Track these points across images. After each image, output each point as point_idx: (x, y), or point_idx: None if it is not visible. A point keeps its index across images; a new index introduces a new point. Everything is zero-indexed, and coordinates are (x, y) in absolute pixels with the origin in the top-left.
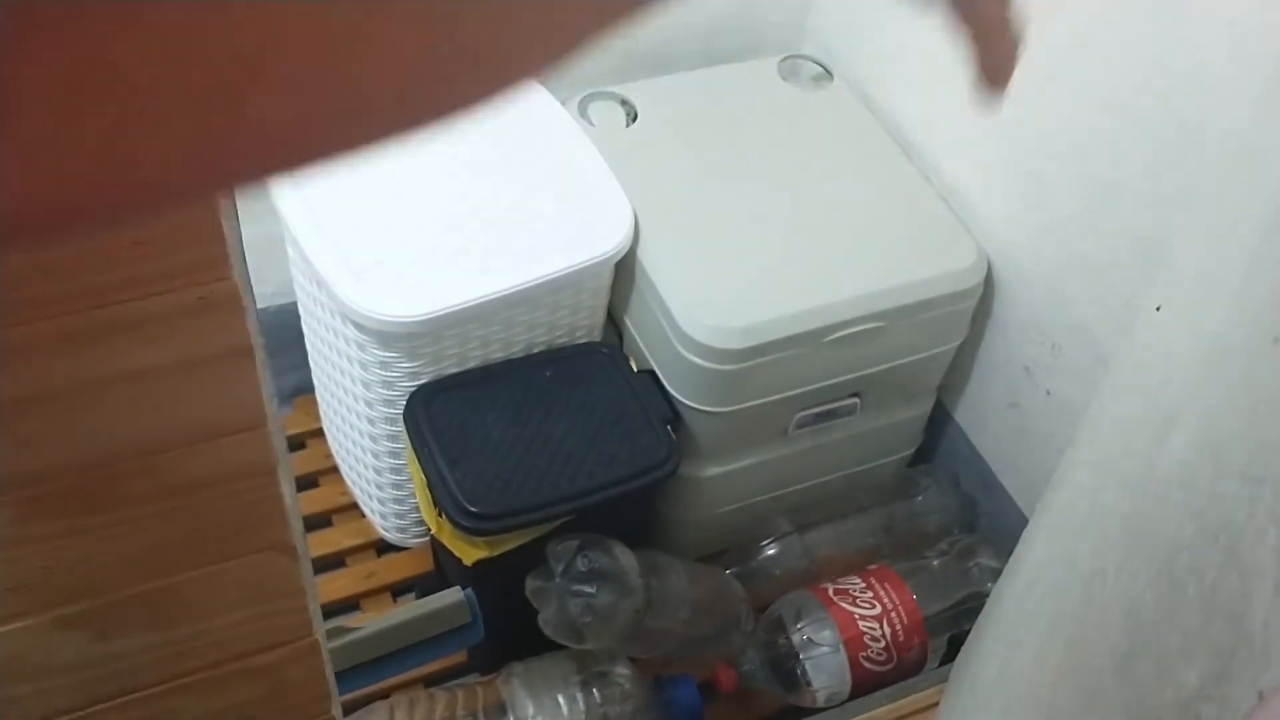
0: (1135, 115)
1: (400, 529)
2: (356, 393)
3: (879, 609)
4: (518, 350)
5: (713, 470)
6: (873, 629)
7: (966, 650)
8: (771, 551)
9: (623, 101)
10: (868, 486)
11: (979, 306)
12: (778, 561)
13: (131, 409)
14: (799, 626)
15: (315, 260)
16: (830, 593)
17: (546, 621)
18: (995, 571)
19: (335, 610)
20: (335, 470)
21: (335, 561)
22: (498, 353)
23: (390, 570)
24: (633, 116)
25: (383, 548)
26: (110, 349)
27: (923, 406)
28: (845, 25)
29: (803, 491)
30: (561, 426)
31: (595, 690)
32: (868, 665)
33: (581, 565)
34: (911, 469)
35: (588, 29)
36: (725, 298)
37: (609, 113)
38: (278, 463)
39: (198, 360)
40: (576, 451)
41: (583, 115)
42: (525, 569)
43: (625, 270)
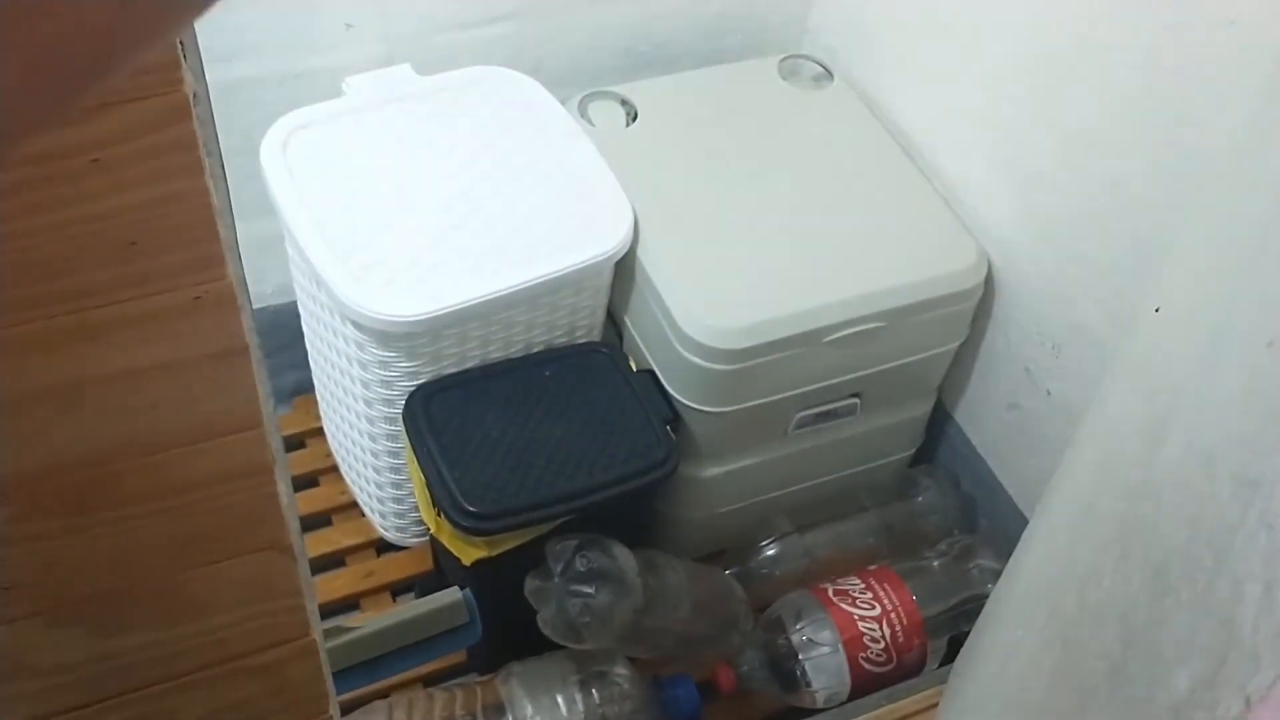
0: (1136, 116)
1: (400, 528)
2: (356, 392)
3: (879, 610)
4: (517, 350)
5: (712, 470)
6: (872, 630)
7: (966, 651)
8: (771, 552)
9: (623, 101)
10: (868, 487)
11: (979, 307)
12: (777, 562)
13: (128, 408)
14: (798, 627)
15: (314, 259)
16: (830, 593)
17: (545, 621)
18: (995, 573)
19: (334, 609)
20: (335, 469)
21: (335, 561)
22: (497, 352)
23: (389, 570)
24: (633, 116)
25: (382, 547)
26: (106, 348)
27: (923, 407)
28: (846, 25)
29: (802, 492)
30: (561, 426)
31: (594, 690)
32: (867, 666)
33: (580, 565)
34: (911, 469)
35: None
36: (725, 297)
37: (609, 112)
38: (274, 462)
39: (194, 360)
40: (575, 451)
41: (583, 115)
42: (524, 569)
43: (625, 270)
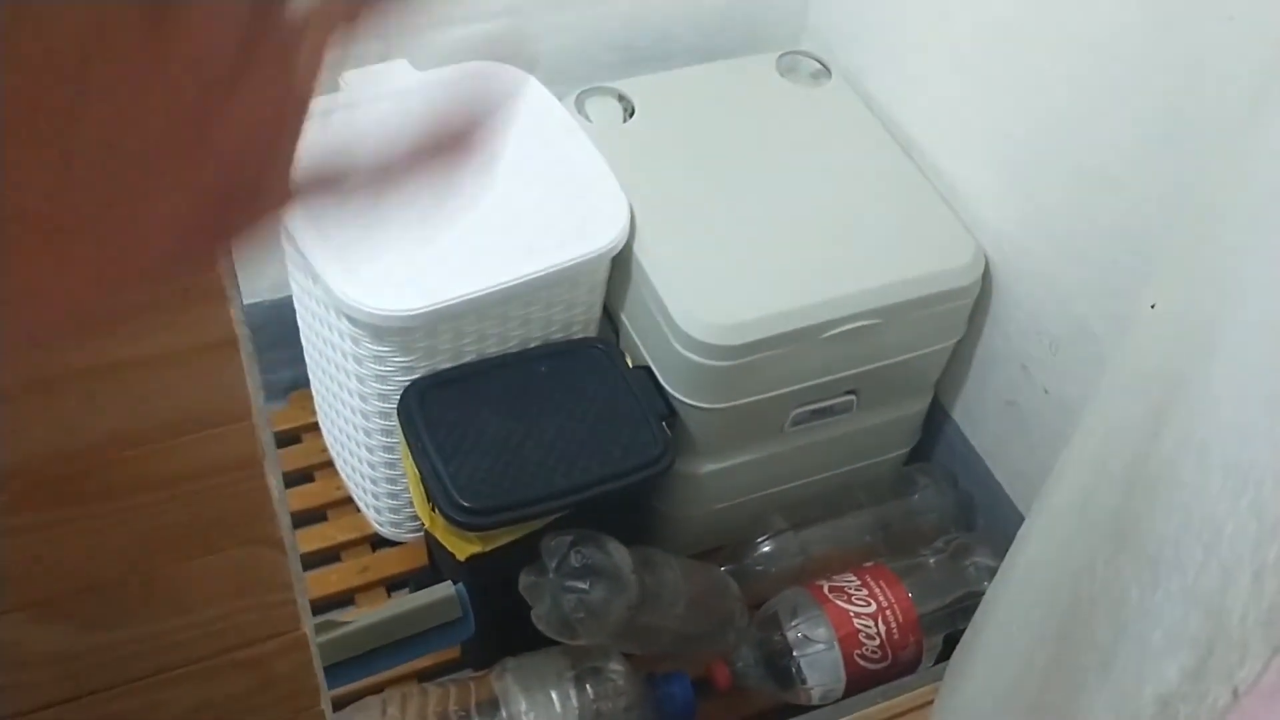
0: (1133, 113)
1: (395, 524)
2: (351, 387)
3: (874, 607)
4: (513, 345)
5: (708, 467)
6: (868, 627)
7: (961, 648)
8: (767, 548)
9: (620, 97)
10: (864, 484)
11: (976, 304)
12: (773, 559)
13: (116, 401)
14: (794, 624)
15: (309, 254)
16: (825, 590)
17: (540, 617)
18: (991, 570)
19: (329, 604)
20: (330, 465)
21: (330, 556)
22: (492, 348)
23: (384, 565)
24: (630, 112)
25: (377, 542)
26: (93, 341)
27: (920, 404)
28: (844, 22)
29: (798, 488)
30: (556, 422)
31: (588, 686)
32: (862, 663)
33: (575, 561)
34: (908, 467)
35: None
36: (722, 293)
37: (606, 108)
38: (264, 455)
39: (182, 352)
40: (571, 447)
41: (580, 111)
42: (519, 564)
43: (621, 266)
